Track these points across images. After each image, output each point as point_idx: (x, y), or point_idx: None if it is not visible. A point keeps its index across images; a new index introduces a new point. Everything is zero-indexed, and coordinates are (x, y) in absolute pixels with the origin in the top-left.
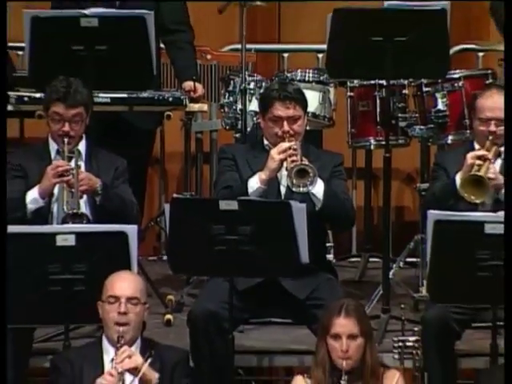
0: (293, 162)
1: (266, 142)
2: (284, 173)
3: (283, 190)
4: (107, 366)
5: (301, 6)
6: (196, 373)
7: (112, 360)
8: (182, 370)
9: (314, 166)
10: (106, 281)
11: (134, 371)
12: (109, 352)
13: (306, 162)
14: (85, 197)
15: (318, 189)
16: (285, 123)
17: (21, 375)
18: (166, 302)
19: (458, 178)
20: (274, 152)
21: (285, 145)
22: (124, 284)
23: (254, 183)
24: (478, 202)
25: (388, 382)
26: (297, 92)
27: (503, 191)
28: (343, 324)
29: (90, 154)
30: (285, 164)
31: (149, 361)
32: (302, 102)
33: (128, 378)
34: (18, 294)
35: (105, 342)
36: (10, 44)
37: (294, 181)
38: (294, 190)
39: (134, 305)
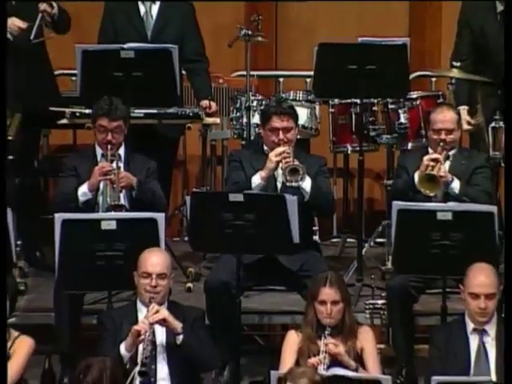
0: (286, 163)
1: (265, 147)
2: (279, 171)
3: (279, 185)
4: (140, 319)
5: (293, 41)
6: (210, 328)
7: (145, 316)
8: (199, 324)
9: (303, 166)
10: (140, 256)
11: (163, 322)
12: (142, 311)
13: (297, 163)
14: (123, 191)
15: (307, 184)
16: (280, 133)
17: (75, 330)
18: (187, 273)
19: (416, 176)
20: (271, 155)
21: (280, 149)
22: (155, 262)
23: (256, 180)
24: (431, 195)
25: (361, 336)
26: (290, 108)
27: (451, 186)
28: (328, 293)
29: (128, 158)
30: (280, 164)
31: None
32: (294, 116)
33: (159, 328)
34: (72, 267)
35: (139, 304)
36: (65, 71)
37: (288, 177)
38: (287, 184)
39: (162, 279)
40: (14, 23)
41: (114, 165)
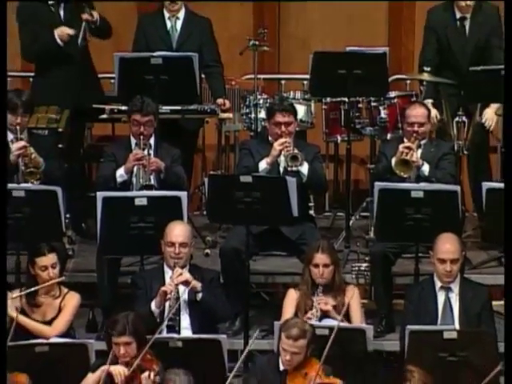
0: (288, 151)
1: (270, 138)
2: (282, 158)
3: (281, 169)
4: (167, 281)
5: (292, 50)
6: (224, 287)
7: (170, 277)
8: (215, 284)
9: (302, 154)
10: (166, 227)
11: (186, 283)
12: (168, 273)
13: (297, 151)
14: (153, 173)
15: (304, 168)
16: (282, 126)
17: (113, 288)
18: (205, 241)
19: (393, 161)
20: (275, 145)
21: (282, 140)
22: (178, 233)
23: (263, 165)
24: (405, 176)
25: (348, 293)
26: (290, 106)
27: (422, 169)
28: (320, 257)
29: (157, 146)
30: (283, 152)
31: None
32: (294, 112)
33: (182, 287)
34: (111, 236)
35: (165, 267)
36: (105, 75)
37: (289, 163)
38: (288, 169)
39: (184, 247)
40: (63, 30)
41: (146, 152)
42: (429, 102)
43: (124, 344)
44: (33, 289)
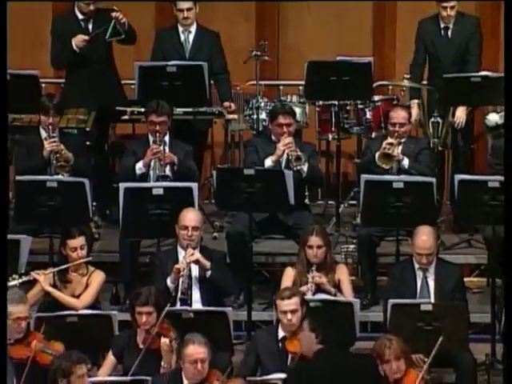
0: (291, 151)
1: (273, 137)
2: (284, 157)
3: (283, 165)
4: (180, 260)
5: (290, 59)
6: (230, 265)
7: (183, 257)
8: (222, 263)
9: (304, 155)
10: (180, 213)
11: (197, 262)
12: (181, 253)
13: (300, 153)
14: (168, 166)
15: (305, 167)
16: (284, 127)
17: (134, 266)
18: (213, 226)
19: (377, 155)
20: (279, 145)
21: (286, 140)
22: (190, 218)
23: (268, 162)
24: (386, 167)
25: (338, 271)
26: (291, 109)
27: (402, 163)
28: (314, 240)
29: (171, 143)
30: (286, 151)
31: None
32: (293, 115)
33: (193, 266)
34: (131, 221)
35: (179, 248)
36: (127, 81)
37: (294, 163)
38: (294, 169)
39: (196, 230)
40: (78, 38)
41: (161, 148)
42: (415, 102)
43: (146, 313)
44: (64, 266)
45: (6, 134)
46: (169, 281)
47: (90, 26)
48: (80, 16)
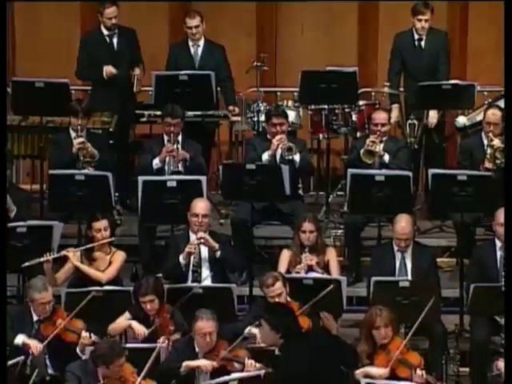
0: (283, 144)
1: (268, 136)
2: (279, 151)
3: (278, 159)
4: (191, 240)
5: (286, 69)
6: (235, 247)
7: (196, 238)
8: (228, 245)
9: (295, 145)
10: (191, 202)
11: (206, 243)
12: (192, 237)
13: (291, 144)
14: (181, 162)
15: (297, 157)
16: (277, 126)
17: (151, 248)
18: (220, 213)
19: (361, 151)
20: (274, 140)
21: (278, 136)
22: (200, 207)
23: (265, 157)
24: (369, 162)
25: (328, 253)
26: (283, 111)
27: (383, 158)
28: (307, 225)
29: (184, 142)
30: (280, 145)
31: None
32: (285, 116)
33: (203, 247)
34: (149, 209)
35: (190, 233)
36: (146, 88)
37: (286, 153)
38: (286, 158)
39: (205, 217)
40: (111, 71)
41: (175, 146)
42: (395, 106)
43: (148, 301)
44: (90, 245)
45: (6, 133)
46: (181, 257)
47: (115, 41)
48: (105, 32)
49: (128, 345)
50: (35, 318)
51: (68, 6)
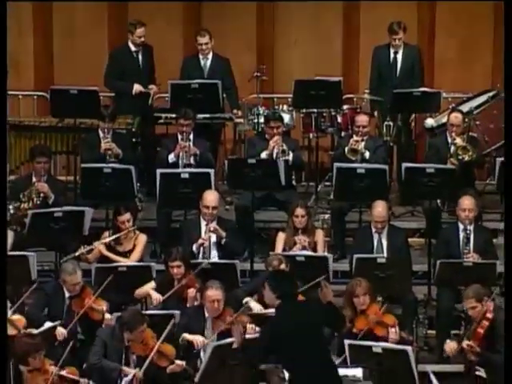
0: (278, 146)
1: (267, 136)
2: (275, 150)
3: (274, 156)
4: (202, 228)
5: (282, 78)
6: (238, 230)
7: (206, 225)
8: (233, 228)
9: (287, 149)
10: (203, 194)
11: (215, 232)
12: (202, 222)
13: (285, 147)
14: (192, 157)
15: (290, 156)
16: (274, 129)
17: (168, 230)
18: (225, 201)
19: (346, 149)
20: (271, 142)
21: (275, 138)
22: (211, 199)
23: (263, 155)
24: (353, 159)
25: (317, 234)
26: (279, 116)
27: (364, 155)
28: (299, 211)
29: (195, 140)
30: (275, 147)
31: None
32: (281, 120)
33: (212, 236)
34: (166, 196)
35: (201, 218)
36: (163, 95)
37: (280, 155)
38: (280, 158)
39: (214, 209)
40: (140, 90)
41: (187, 143)
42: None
43: (176, 266)
44: (116, 235)
45: (5, 133)
46: (194, 247)
47: (140, 57)
48: (133, 48)
49: (148, 311)
50: (67, 294)
51: (98, 24)
